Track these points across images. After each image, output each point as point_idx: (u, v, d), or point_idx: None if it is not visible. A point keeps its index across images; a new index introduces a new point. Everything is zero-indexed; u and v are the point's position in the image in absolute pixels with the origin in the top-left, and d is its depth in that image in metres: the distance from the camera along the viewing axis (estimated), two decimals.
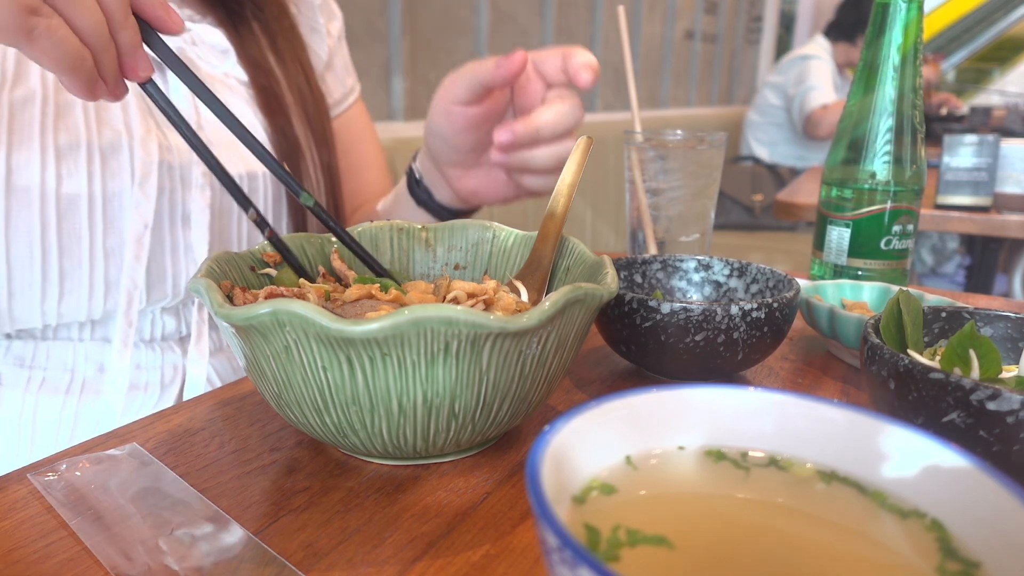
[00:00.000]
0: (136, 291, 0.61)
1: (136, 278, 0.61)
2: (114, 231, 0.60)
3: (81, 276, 0.60)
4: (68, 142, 0.57)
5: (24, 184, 0.56)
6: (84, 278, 0.60)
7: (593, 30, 2.75)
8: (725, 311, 0.46)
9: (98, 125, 0.59)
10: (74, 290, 0.60)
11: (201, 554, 0.32)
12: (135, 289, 0.61)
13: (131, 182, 0.60)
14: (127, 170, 0.60)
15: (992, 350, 0.41)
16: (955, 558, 0.22)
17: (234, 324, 0.33)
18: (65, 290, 0.60)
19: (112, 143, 0.59)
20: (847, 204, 0.69)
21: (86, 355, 0.63)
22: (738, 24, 4.24)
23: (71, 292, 0.60)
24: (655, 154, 0.71)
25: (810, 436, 0.27)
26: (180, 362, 0.66)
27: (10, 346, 0.62)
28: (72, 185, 0.58)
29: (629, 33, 0.73)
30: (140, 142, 0.60)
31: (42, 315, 0.60)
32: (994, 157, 1.41)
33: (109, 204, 0.60)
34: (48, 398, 0.62)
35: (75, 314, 0.61)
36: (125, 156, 0.60)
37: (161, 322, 0.66)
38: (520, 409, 0.38)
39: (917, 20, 0.66)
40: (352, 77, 0.87)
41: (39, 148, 0.56)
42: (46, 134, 0.57)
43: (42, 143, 0.56)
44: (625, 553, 0.22)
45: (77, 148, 0.58)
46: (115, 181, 0.59)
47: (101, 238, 0.60)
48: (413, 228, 0.53)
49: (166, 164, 0.62)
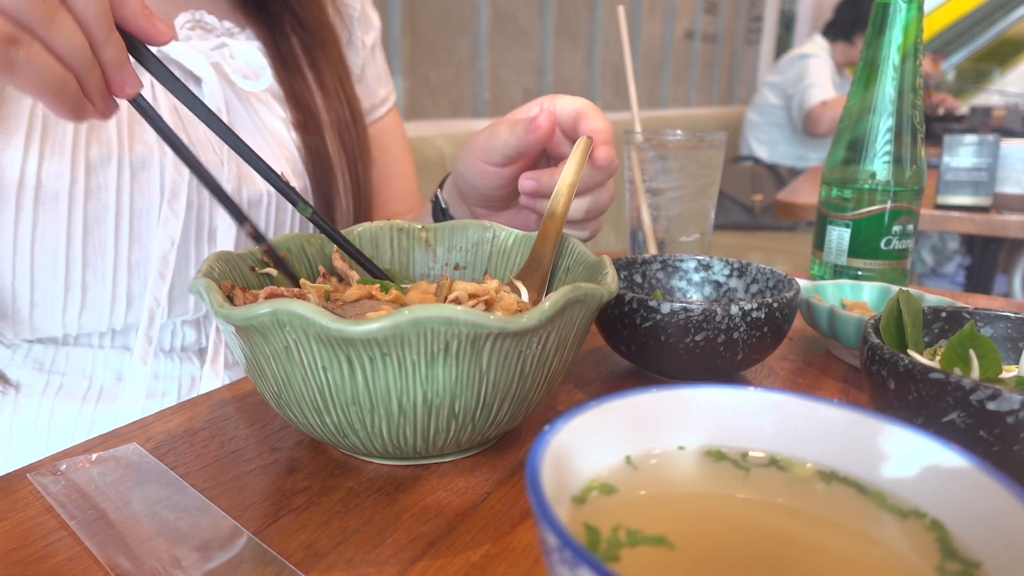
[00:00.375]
0: (159, 308, 0.61)
1: (159, 296, 0.61)
2: (139, 246, 0.60)
3: (104, 290, 0.60)
4: (100, 156, 0.57)
5: (53, 195, 0.56)
6: (107, 292, 0.60)
7: (593, 30, 2.75)
8: (725, 311, 0.46)
9: (130, 140, 0.59)
10: (96, 303, 0.60)
11: (201, 554, 0.32)
12: (157, 307, 0.61)
13: (160, 198, 0.60)
14: (156, 186, 0.60)
15: (992, 350, 0.41)
16: (955, 558, 0.22)
17: (234, 324, 0.33)
18: (87, 303, 0.60)
19: (143, 158, 0.59)
20: (847, 204, 0.69)
21: (105, 362, 0.63)
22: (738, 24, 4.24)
23: (93, 305, 0.60)
24: (655, 154, 0.71)
25: (810, 436, 0.27)
26: (198, 373, 0.66)
27: (30, 350, 0.62)
28: (101, 199, 0.57)
29: (629, 33, 0.73)
30: (171, 159, 0.60)
31: (63, 325, 0.60)
32: (994, 157, 1.41)
33: (136, 219, 0.59)
34: (64, 404, 0.62)
35: (95, 326, 0.61)
36: (155, 172, 0.59)
37: (181, 333, 0.66)
38: (520, 409, 0.38)
39: (917, 20, 0.66)
40: (386, 87, 0.85)
41: (70, 160, 0.56)
42: (78, 146, 0.56)
43: (73, 155, 0.56)
44: (625, 553, 0.22)
45: (108, 162, 0.57)
46: (144, 197, 0.59)
47: (126, 253, 0.60)
48: (413, 228, 0.53)
49: (195, 181, 0.61)
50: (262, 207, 0.67)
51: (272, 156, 0.67)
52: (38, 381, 0.62)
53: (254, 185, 0.66)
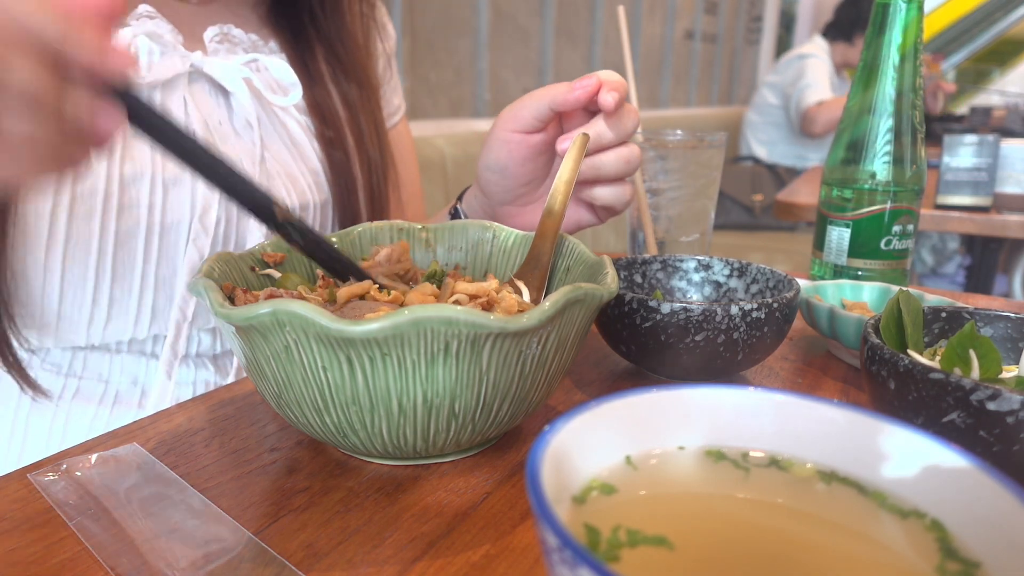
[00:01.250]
0: (185, 323, 0.61)
1: (187, 310, 0.61)
2: (167, 261, 0.60)
3: (130, 303, 0.60)
4: (133, 172, 0.57)
5: (87, 212, 0.56)
6: (133, 305, 0.60)
7: (593, 30, 2.75)
8: (725, 311, 0.46)
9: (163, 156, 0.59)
10: (121, 315, 0.60)
11: (201, 554, 0.32)
12: (184, 321, 0.61)
13: (190, 214, 0.60)
14: (187, 203, 0.60)
15: (992, 350, 0.41)
16: (955, 558, 0.22)
17: (234, 324, 0.33)
18: (112, 315, 0.60)
19: (175, 175, 0.59)
20: (847, 204, 0.69)
21: (122, 367, 0.64)
22: (738, 24, 4.24)
23: (118, 317, 0.60)
24: (655, 154, 0.71)
25: (810, 436, 0.27)
26: (213, 378, 0.67)
27: (48, 354, 0.62)
28: (133, 215, 0.57)
29: (629, 33, 0.73)
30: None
31: (87, 336, 0.60)
32: (994, 157, 1.41)
33: (166, 235, 0.59)
34: (80, 407, 0.62)
35: (118, 336, 0.61)
36: (186, 188, 0.59)
37: (197, 339, 0.66)
38: (520, 409, 0.38)
39: (917, 20, 0.66)
40: (398, 95, 0.86)
41: (104, 177, 0.56)
42: (112, 162, 0.56)
43: (108, 172, 0.56)
44: (625, 553, 0.22)
45: (141, 178, 0.57)
46: (174, 213, 0.59)
47: (154, 267, 0.60)
48: (413, 228, 0.53)
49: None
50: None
51: (297, 169, 0.67)
52: (55, 384, 0.62)
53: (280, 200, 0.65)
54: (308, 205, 0.67)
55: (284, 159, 0.67)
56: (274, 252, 0.47)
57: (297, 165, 0.68)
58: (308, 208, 0.68)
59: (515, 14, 2.33)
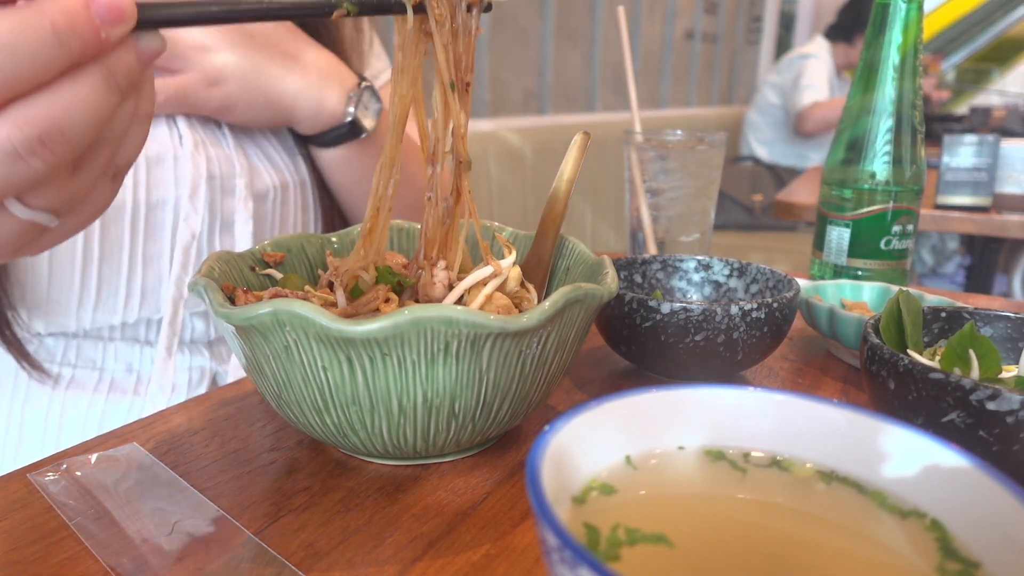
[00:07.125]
0: (182, 300, 0.62)
1: (183, 288, 0.62)
2: (155, 239, 0.61)
3: (119, 283, 0.60)
4: None
5: None
6: (122, 285, 0.61)
7: (593, 30, 2.75)
8: (725, 311, 0.46)
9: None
10: (110, 297, 0.61)
11: (201, 554, 0.32)
12: (180, 298, 0.62)
13: (175, 191, 0.60)
14: (171, 179, 0.60)
15: (992, 350, 0.41)
16: (955, 558, 0.22)
17: (234, 324, 0.33)
18: (102, 297, 0.60)
19: (158, 154, 0.60)
20: (847, 204, 0.69)
21: (116, 354, 0.64)
22: (738, 24, 4.24)
23: (107, 299, 0.61)
24: (655, 154, 0.71)
25: (810, 436, 0.27)
26: (208, 365, 0.67)
27: (41, 343, 0.63)
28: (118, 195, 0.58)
29: (629, 33, 0.73)
30: (189, 156, 0.61)
31: (77, 320, 0.61)
32: (994, 157, 1.41)
33: (152, 213, 0.60)
34: (75, 396, 0.62)
35: (109, 320, 0.62)
36: (169, 166, 0.60)
37: (191, 324, 0.66)
38: (520, 409, 0.38)
39: (917, 20, 0.66)
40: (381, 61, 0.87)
41: None
42: None
43: None
44: (625, 553, 0.22)
45: None
46: (159, 190, 0.60)
47: (142, 246, 0.60)
48: (413, 228, 0.53)
49: (212, 176, 0.62)
50: (268, 201, 0.67)
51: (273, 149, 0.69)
52: (49, 372, 0.63)
53: (261, 180, 0.66)
54: (288, 184, 0.69)
55: (260, 139, 0.68)
56: (274, 252, 0.47)
57: (272, 145, 0.69)
58: (288, 188, 0.69)
59: (515, 14, 2.33)
